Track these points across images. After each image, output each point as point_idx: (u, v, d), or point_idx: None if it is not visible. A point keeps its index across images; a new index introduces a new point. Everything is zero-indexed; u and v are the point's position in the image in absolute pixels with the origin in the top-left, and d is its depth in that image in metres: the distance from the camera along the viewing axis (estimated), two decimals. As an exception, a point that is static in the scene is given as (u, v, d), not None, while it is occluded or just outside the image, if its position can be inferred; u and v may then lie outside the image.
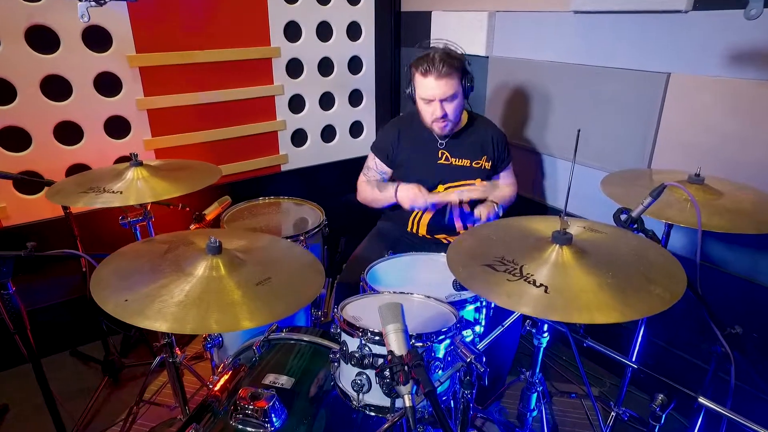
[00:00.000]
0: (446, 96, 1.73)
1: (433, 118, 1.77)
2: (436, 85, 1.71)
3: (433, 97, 1.73)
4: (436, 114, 1.76)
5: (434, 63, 1.69)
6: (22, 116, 1.96)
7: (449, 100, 1.74)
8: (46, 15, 1.89)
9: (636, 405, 1.90)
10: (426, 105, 1.78)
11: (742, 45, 1.52)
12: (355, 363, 1.11)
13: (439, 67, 1.69)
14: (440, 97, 1.73)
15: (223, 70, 2.36)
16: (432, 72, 1.70)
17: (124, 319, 1.02)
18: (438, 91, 1.72)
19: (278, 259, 1.33)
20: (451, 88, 1.72)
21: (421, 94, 1.77)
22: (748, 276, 1.65)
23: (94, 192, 1.43)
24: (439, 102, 1.73)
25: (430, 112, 1.78)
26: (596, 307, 0.82)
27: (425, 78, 1.72)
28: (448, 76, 1.70)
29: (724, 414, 0.89)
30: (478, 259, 0.99)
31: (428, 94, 1.73)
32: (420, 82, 1.75)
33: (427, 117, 1.80)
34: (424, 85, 1.74)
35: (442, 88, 1.71)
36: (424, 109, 1.80)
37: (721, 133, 1.62)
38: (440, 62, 1.69)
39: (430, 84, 1.71)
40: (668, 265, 0.95)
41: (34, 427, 1.89)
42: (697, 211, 1.05)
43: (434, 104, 1.75)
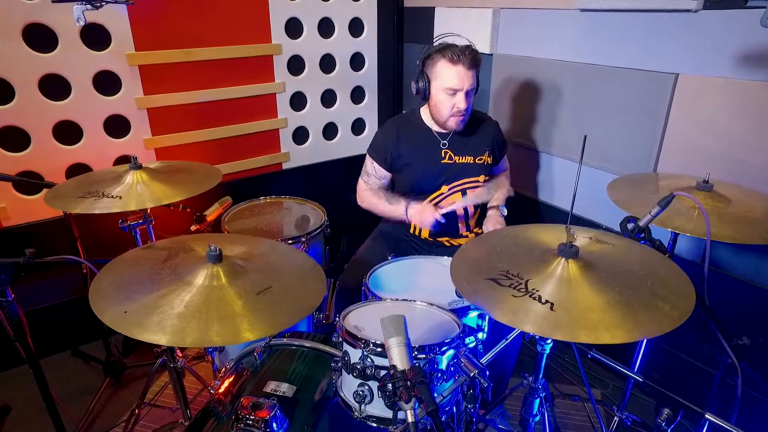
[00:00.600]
0: (472, 88, 1.69)
1: (455, 110, 1.70)
2: (466, 76, 1.65)
3: (461, 87, 1.66)
4: (460, 106, 1.69)
5: (464, 52, 1.64)
6: (21, 116, 1.94)
7: (472, 94, 1.71)
8: (43, 13, 1.86)
9: (640, 408, 1.89)
10: (449, 96, 1.70)
11: (753, 46, 1.48)
12: (357, 375, 1.10)
13: (468, 57, 1.64)
14: (468, 88, 1.68)
15: (224, 68, 2.33)
16: (462, 61, 1.64)
17: (123, 331, 1.01)
18: (467, 82, 1.66)
19: (279, 266, 1.31)
20: (475, 81, 1.69)
21: (446, 83, 1.68)
22: (753, 280, 1.63)
23: (93, 197, 1.42)
24: (465, 93, 1.68)
25: (451, 104, 1.70)
26: (603, 327, 0.80)
27: (454, 66, 1.65)
28: (476, 68, 1.67)
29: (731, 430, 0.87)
30: (482, 272, 0.97)
31: (455, 84, 1.66)
32: (446, 70, 1.67)
33: (445, 110, 1.72)
34: (452, 74, 1.66)
35: (470, 79, 1.67)
36: (445, 100, 1.71)
37: (729, 136, 1.59)
38: (470, 53, 1.65)
39: (461, 73, 1.65)
40: (677, 279, 0.93)
41: (36, 428, 1.89)
42: (707, 223, 1.03)
43: (459, 95, 1.68)
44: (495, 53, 2.31)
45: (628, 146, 1.88)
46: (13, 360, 2.17)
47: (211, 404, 1.32)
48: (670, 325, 0.80)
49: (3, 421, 1.92)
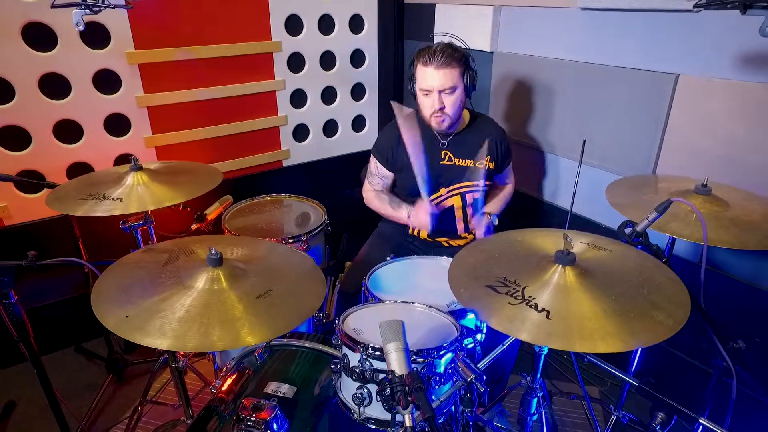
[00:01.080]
0: (445, 87, 1.68)
1: (432, 110, 1.73)
2: (436, 75, 1.67)
3: (432, 88, 1.69)
4: (435, 105, 1.71)
5: (435, 54, 1.66)
6: (21, 115, 1.95)
7: (449, 93, 1.70)
8: (42, 12, 1.86)
9: (636, 405, 1.91)
10: (425, 97, 1.73)
11: (754, 47, 1.48)
12: (356, 378, 1.11)
13: (439, 57, 1.65)
14: (439, 88, 1.68)
15: (224, 66, 2.33)
16: (433, 62, 1.66)
17: (125, 336, 1.02)
18: (437, 82, 1.67)
19: (279, 268, 1.32)
20: (450, 80, 1.68)
21: (420, 84, 1.72)
22: (752, 281, 1.64)
23: (94, 199, 1.43)
24: (438, 93, 1.69)
25: (429, 104, 1.73)
26: (599, 336, 0.81)
27: (426, 68, 1.68)
28: (449, 66, 1.66)
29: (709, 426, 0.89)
30: (480, 279, 0.98)
31: (427, 84, 1.69)
32: (420, 72, 1.71)
33: (425, 110, 1.76)
34: (423, 75, 1.69)
35: (441, 78, 1.67)
36: (423, 101, 1.75)
37: (729, 138, 1.59)
38: (441, 53, 1.66)
39: (430, 73, 1.67)
40: (673, 287, 0.94)
41: (40, 424, 1.92)
42: (704, 230, 1.04)
43: (433, 95, 1.70)
44: (495, 51, 2.30)
45: (628, 146, 1.88)
46: (16, 357, 2.20)
47: (213, 403, 1.34)
48: (665, 334, 0.81)
49: (8, 418, 1.95)
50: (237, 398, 1.30)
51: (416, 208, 1.78)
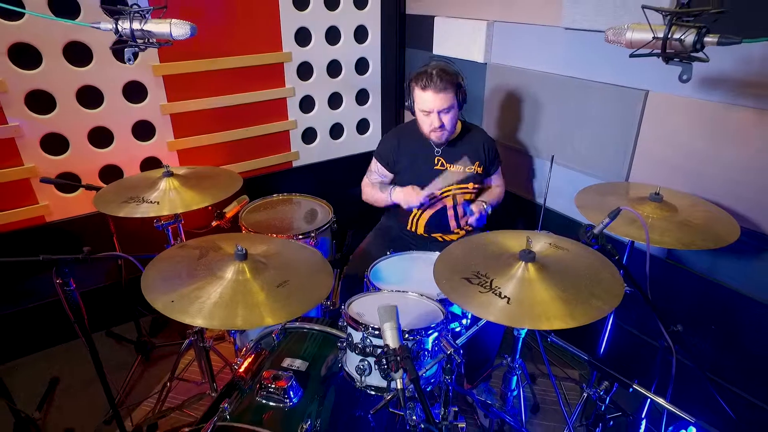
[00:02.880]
0: (443, 108, 1.93)
1: (431, 128, 1.98)
2: (434, 99, 1.91)
3: (432, 109, 1.93)
4: (434, 124, 1.96)
5: (432, 78, 1.89)
6: (61, 123, 2.20)
7: (445, 112, 1.94)
8: (80, 33, 2.10)
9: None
10: (425, 116, 1.98)
11: (711, 71, 1.70)
12: (358, 352, 1.37)
13: (436, 82, 1.88)
14: (438, 109, 1.93)
15: (239, 75, 2.57)
16: (430, 87, 1.89)
17: (172, 316, 1.27)
18: (436, 104, 1.91)
19: (294, 262, 1.56)
20: (447, 101, 1.92)
21: (420, 106, 1.97)
22: (708, 275, 1.88)
23: (134, 202, 1.68)
24: (437, 113, 1.94)
25: (428, 122, 1.98)
26: (545, 318, 1.06)
27: (424, 92, 1.92)
28: (445, 90, 1.90)
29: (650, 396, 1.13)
30: (459, 272, 1.23)
31: (427, 107, 1.94)
32: (419, 95, 1.95)
33: (425, 127, 2.01)
34: (423, 99, 1.93)
35: (439, 101, 1.91)
36: (423, 120, 2.00)
37: (689, 150, 1.82)
38: (438, 78, 1.89)
39: (429, 98, 1.91)
40: (613, 281, 1.18)
41: (83, 397, 2.19)
42: (646, 233, 1.28)
43: (432, 115, 1.95)
44: (489, 62, 2.53)
45: (604, 154, 2.11)
46: (57, 338, 2.48)
47: (236, 379, 1.59)
48: (597, 315, 1.05)
49: (53, 391, 2.23)
50: (256, 374, 1.56)
51: (407, 188, 2.04)
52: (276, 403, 1.40)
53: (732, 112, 1.68)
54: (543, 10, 2.19)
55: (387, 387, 1.36)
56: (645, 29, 1.10)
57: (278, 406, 1.40)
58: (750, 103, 1.63)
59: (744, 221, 1.70)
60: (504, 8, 2.39)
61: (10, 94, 2.04)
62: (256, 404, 1.41)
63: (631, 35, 1.13)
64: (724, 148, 1.73)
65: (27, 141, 2.14)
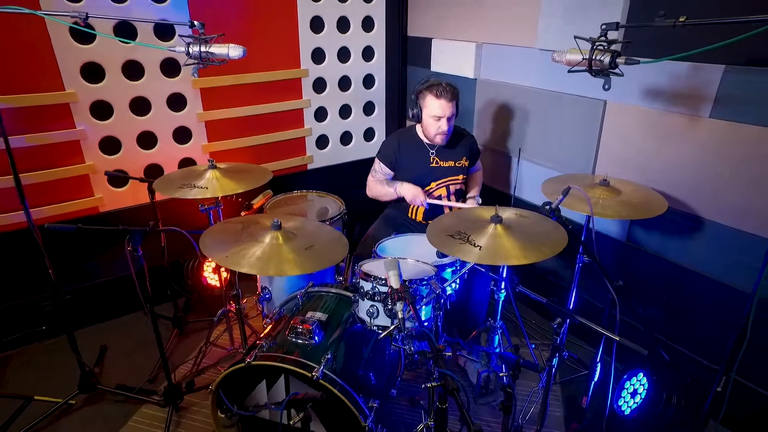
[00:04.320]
0: (451, 115, 2.37)
1: (439, 131, 2.39)
2: (447, 106, 2.33)
3: (444, 115, 2.34)
4: (443, 128, 2.37)
5: (446, 90, 2.31)
6: (116, 128, 2.67)
7: (452, 118, 2.40)
8: (136, 53, 2.59)
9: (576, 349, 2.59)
10: (435, 121, 2.38)
11: (651, 84, 2.16)
12: (368, 298, 1.80)
13: (448, 93, 2.31)
14: (447, 115, 2.36)
15: (263, 89, 3.05)
16: (444, 96, 2.31)
17: (228, 266, 1.71)
18: (447, 112, 2.34)
19: (316, 234, 2.00)
20: (453, 109, 2.36)
21: (432, 112, 2.36)
22: (658, 252, 2.31)
23: (187, 187, 2.13)
24: (446, 119, 2.37)
25: (437, 126, 2.38)
26: (506, 257, 1.50)
27: (438, 99, 2.32)
28: (453, 100, 2.34)
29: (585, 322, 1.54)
30: (445, 232, 1.66)
31: (439, 113, 2.34)
32: (432, 102, 2.34)
33: (432, 129, 2.41)
34: (436, 105, 2.33)
35: (450, 108, 2.34)
36: (432, 124, 2.39)
37: (638, 148, 2.27)
38: (449, 90, 2.32)
39: (443, 105, 2.32)
40: (559, 238, 1.62)
41: (128, 363, 2.61)
42: (589, 205, 1.71)
43: (443, 120, 2.36)
44: (478, 78, 3.00)
45: (574, 152, 2.56)
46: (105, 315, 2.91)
47: (257, 341, 1.98)
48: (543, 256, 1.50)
49: (103, 358, 2.65)
50: (279, 332, 1.95)
51: (416, 189, 2.48)
52: (303, 341, 1.83)
53: (668, 118, 2.13)
54: (522, 34, 2.67)
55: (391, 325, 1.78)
56: (577, 53, 1.56)
57: (305, 343, 1.82)
58: (682, 110, 2.08)
59: (678, 204, 2.15)
60: (490, 32, 2.87)
61: (79, 104, 2.51)
62: (288, 341, 1.84)
63: (568, 57, 1.59)
64: (663, 146, 2.17)
65: (89, 143, 2.61)
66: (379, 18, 3.33)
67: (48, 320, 2.74)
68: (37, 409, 2.25)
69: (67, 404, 2.31)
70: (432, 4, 3.23)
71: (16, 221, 2.49)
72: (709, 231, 2.11)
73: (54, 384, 2.41)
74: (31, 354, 2.68)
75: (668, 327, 2.33)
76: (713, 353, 2.17)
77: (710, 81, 1.96)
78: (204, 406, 2.33)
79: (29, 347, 2.72)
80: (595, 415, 2.14)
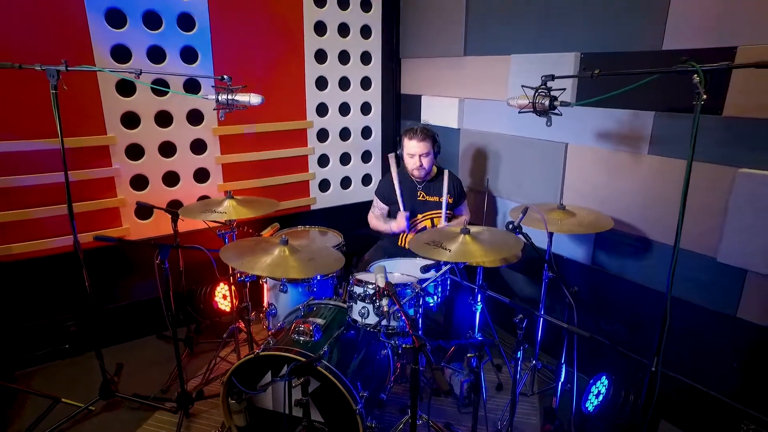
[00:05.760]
0: (422, 152, 2.86)
1: (414, 166, 2.89)
2: (418, 146, 2.84)
3: (414, 153, 2.86)
4: (416, 164, 2.88)
5: (416, 132, 2.85)
6: (146, 168, 3.13)
7: (425, 156, 2.87)
8: (167, 105, 3.11)
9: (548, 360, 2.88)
10: (410, 158, 2.89)
11: (602, 129, 2.63)
12: (360, 299, 2.16)
13: (418, 135, 2.84)
14: (419, 153, 2.85)
15: (274, 137, 3.55)
16: (415, 137, 2.84)
17: (245, 269, 2.10)
18: (420, 149, 2.84)
19: (318, 251, 2.41)
20: (425, 148, 2.85)
21: (408, 150, 2.89)
22: (619, 273, 2.67)
23: (209, 212, 2.56)
24: (419, 156, 2.86)
25: (412, 163, 2.89)
26: (471, 257, 1.89)
27: (411, 140, 2.86)
28: (424, 140, 2.84)
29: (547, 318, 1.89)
30: (424, 242, 2.07)
31: (412, 151, 2.86)
32: (407, 143, 2.88)
33: (409, 166, 2.92)
34: (409, 145, 2.87)
35: (419, 147, 2.84)
36: (409, 161, 2.91)
37: (594, 182, 2.70)
38: (420, 132, 2.84)
39: (414, 144, 2.85)
40: (515, 244, 2.02)
41: (141, 378, 2.90)
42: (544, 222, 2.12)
43: (415, 158, 2.87)
44: (461, 128, 3.50)
45: (544, 187, 2.98)
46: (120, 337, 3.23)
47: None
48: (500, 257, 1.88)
49: (119, 373, 2.95)
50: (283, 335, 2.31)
51: (397, 217, 2.91)
52: (305, 338, 2.17)
53: (616, 155, 2.58)
54: (496, 90, 3.18)
55: (378, 323, 2.13)
56: (524, 98, 2.03)
57: (306, 339, 2.16)
58: (626, 149, 2.53)
59: (630, 228, 2.54)
60: (471, 90, 3.40)
61: (116, 146, 2.99)
62: (292, 339, 2.19)
63: (518, 101, 2.06)
64: (614, 179, 2.61)
65: (122, 179, 3.06)
66: (376, 78, 3.90)
67: (71, 339, 3.07)
68: (60, 412, 2.54)
69: (87, 409, 2.60)
70: (422, 66, 3.80)
71: (47, 248, 2.89)
72: (656, 250, 2.49)
73: (75, 394, 2.70)
74: (54, 369, 2.98)
75: (630, 338, 2.65)
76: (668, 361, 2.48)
77: (645, 125, 2.42)
78: (211, 413, 2.61)
79: (52, 364, 3.03)
80: (565, 416, 2.42)
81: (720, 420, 2.31)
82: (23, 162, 2.74)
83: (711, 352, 2.34)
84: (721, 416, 2.30)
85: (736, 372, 2.25)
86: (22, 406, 2.63)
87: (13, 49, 2.57)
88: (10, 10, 2.55)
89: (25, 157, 2.74)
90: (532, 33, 2.90)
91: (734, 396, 2.26)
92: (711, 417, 2.34)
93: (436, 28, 3.57)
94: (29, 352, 2.97)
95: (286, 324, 2.47)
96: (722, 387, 2.30)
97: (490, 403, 2.67)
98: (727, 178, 2.14)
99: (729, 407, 2.26)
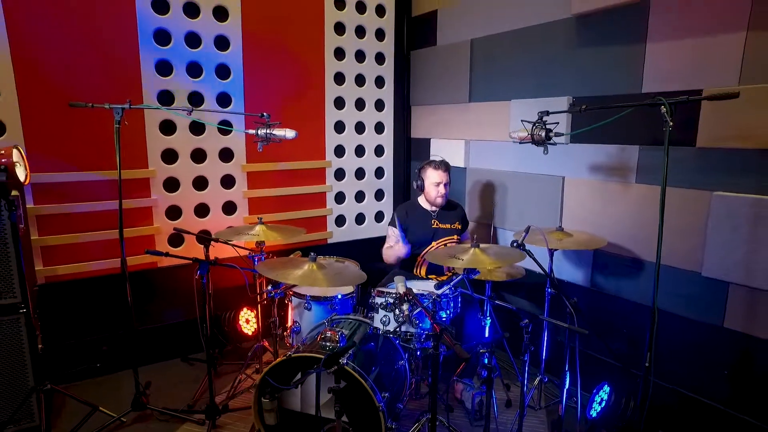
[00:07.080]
0: (447, 181, 3.22)
1: (439, 194, 3.22)
2: (443, 175, 3.21)
3: (441, 181, 3.21)
4: (441, 191, 3.22)
5: (442, 163, 3.22)
6: (180, 200, 3.48)
7: (446, 185, 3.23)
8: (203, 143, 3.50)
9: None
10: (435, 186, 3.23)
11: (594, 163, 3.00)
12: (382, 308, 2.44)
13: (443, 166, 3.21)
14: (444, 182, 3.21)
15: (295, 175, 3.92)
16: (440, 168, 3.20)
17: (281, 279, 2.40)
18: (444, 178, 3.21)
19: (342, 268, 2.70)
20: (447, 178, 3.22)
21: (433, 180, 3.23)
22: (617, 293, 2.95)
23: (241, 235, 2.88)
24: (444, 185, 3.22)
25: (437, 191, 3.23)
26: (481, 265, 2.19)
27: (436, 171, 3.21)
28: (447, 171, 3.22)
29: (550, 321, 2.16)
30: (441, 254, 2.38)
31: (438, 180, 3.21)
32: (432, 173, 3.23)
33: (433, 194, 3.24)
34: (436, 175, 3.21)
35: (445, 177, 3.21)
36: (433, 189, 3.24)
37: (590, 209, 3.04)
38: (443, 163, 3.22)
39: (440, 174, 3.21)
40: (517, 257, 2.33)
41: (168, 395, 3.10)
42: (545, 240, 2.43)
43: (441, 186, 3.22)
44: (468, 167, 3.89)
45: (545, 217, 3.31)
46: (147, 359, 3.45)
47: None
48: (505, 264, 2.18)
49: (147, 390, 3.16)
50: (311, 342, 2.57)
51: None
52: (331, 344, 2.43)
53: (608, 185, 2.93)
54: (498, 132, 3.58)
55: (398, 330, 2.40)
56: (524, 131, 2.40)
57: (332, 346, 2.42)
58: (616, 179, 2.89)
59: (624, 250, 2.85)
60: (476, 132, 3.81)
61: (156, 179, 3.36)
62: (319, 345, 2.44)
63: (519, 134, 2.44)
64: (607, 206, 2.94)
65: (158, 209, 3.41)
66: (388, 123, 4.34)
67: (103, 358, 3.30)
68: (95, 422, 2.74)
69: (120, 420, 2.80)
70: (431, 113, 4.25)
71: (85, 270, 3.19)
72: (648, 269, 2.78)
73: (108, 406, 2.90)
74: (86, 386, 3.19)
75: (629, 353, 2.89)
76: (665, 373, 2.71)
77: (632, 157, 2.79)
78: (236, 425, 2.81)
79: (83, 382, 3.24)
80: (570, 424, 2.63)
81: (717, 428, 2.51)
82: (77, 191, 3.09)
83: (703, 362, 2.58)
84: (717, 424, 2.51)
85: (727, 379, 2.48)
86: (59, 415, 2.84)
87: (79, 93, 2.99)
88: (79, 60, 3.00)
89: (78, 186, 3.10)
90: (530, 80, 3.34)
91: (726, 402, 2.48)
92: (708, 426, 2.55)
93: (444, 78, 4.04)
94: (63, 370, 3.19)
95: (309, 339, 2.72)
96: (715, 395, 2.52)
97: (500, 419, 2.87)
98: (704, 200, 2.47)
99: (723, 414, 2.47)
